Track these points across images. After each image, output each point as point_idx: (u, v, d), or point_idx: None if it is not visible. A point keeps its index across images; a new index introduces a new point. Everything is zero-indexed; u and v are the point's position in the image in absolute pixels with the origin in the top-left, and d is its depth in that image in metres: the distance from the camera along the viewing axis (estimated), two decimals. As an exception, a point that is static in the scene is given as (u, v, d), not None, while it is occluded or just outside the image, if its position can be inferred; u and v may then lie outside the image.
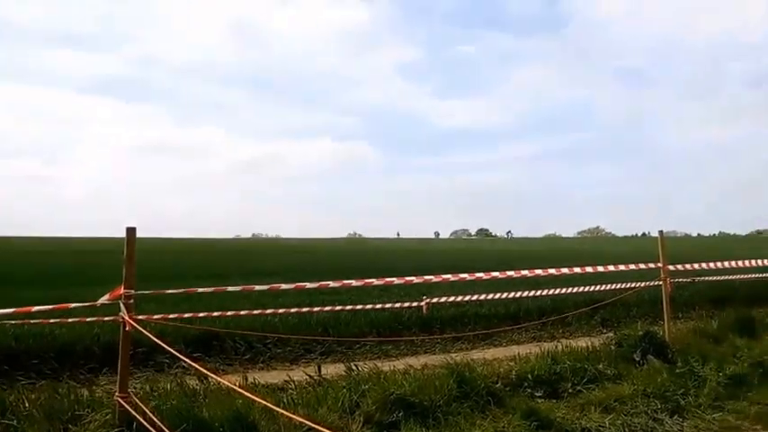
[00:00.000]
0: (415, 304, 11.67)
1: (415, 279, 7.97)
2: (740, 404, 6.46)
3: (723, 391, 6.65)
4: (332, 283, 7.36)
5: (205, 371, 4.67)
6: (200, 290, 7.95)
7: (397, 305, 11.44)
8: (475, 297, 12.15)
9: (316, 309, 10.92)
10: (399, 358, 9.49)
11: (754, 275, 16.67)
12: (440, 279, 8.25)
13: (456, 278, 8.27)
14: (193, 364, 4.76)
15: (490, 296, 11.93)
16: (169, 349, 4.96)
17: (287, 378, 7.05)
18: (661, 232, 8.69)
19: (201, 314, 8.87)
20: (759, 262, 13.13)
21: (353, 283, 7.62)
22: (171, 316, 8.05)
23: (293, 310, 10.69)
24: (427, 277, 8.16)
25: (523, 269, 8.29)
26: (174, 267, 30.63)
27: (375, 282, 7.83)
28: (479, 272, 8.77)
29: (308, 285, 7.63)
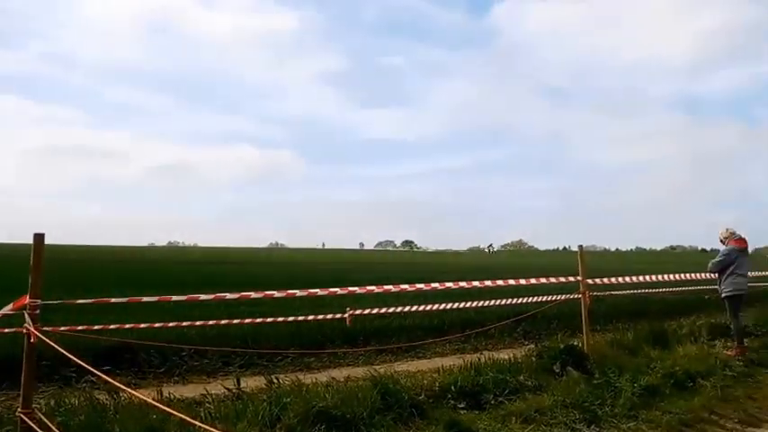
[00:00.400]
0: (338, 316, 11.66)
1: (339, 290, 7.98)
2: (653, 413, 6.77)
3: (638, 401, 6.94)
4: (253, 294, 7.28)
5: (117, 384, 4.52)
6: (114, 300, 7.71)
7: (320, 317, 11.39)
8: (399, 309, 12.25)
9: (235, 320, 10.74)
10: (322, 371, 9.45)
11: (667, 289, 17.50)
12: (364, 291, 8.29)
13: (381, 290, 8.34)
14: (104, 376, 4.60)
15: (414, 308, 12.06)
16: (78, 361, 4.77)
17: (204, 392, 6.90)
18: (581, 247, 9.02)
19: (113, 326, 8.58)
20: (672, 276, 13.82)
21: (275, 293, 7.55)
22: (79, 327, 7.76)
23: (211, 321, 10.47)
24: (351, 288, 8.19)
25: (448, 281, 8.44)
26: (84, 276, 29.47)
27: (298, 293, 7.79)
28: (403, 284, 8.88)
29: (229, 296, 7.52)
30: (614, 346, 9.02)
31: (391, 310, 12.24)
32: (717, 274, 10.18)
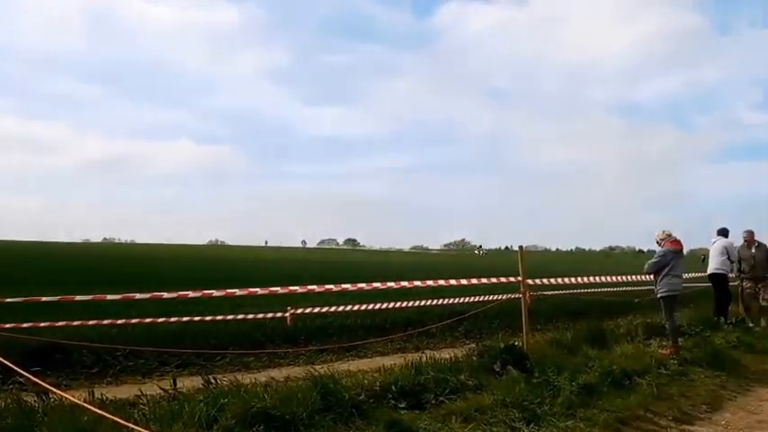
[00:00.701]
0: (279, 315, 11.57)
1: (279, 289, 7.92)
2: (591, 412, 6.94)
3: (576, 400, 7.11)
4: (191, 293, 7.17)
5: (46, 385, 4.38)
6: (45, 299, 7.47)
7: (261, 316, 11.29)
8: (341, 308, 12.25)
9: (172, 319, 10.55)
10: (261, 371, 9.38)
11: (606, 290, 17.99)
12: (305, 290, 8.26)
13: (322, 289, 8.32)
14: (32, 377, 4.45)
15: (357, 307, 12.08)
16: (4, 361, 4.61)
17: (138, 393, 6.75)
18: (521, 248, 9.19)
19: (43, 324, 8.32)
20: (610, 278, 14.22)
21: (214, 293, 7.45)
22: (7, 326, 7.49)
23: (147, 320, 10.27)
24: (293, 288, 8.15)
25: (390, 281, 8.49)
26: (13, 273, 28.39)
27: (237, 292, 7.71)
28: (346, 282, 8.89)
29: (166, 295, 7.39)
30: (554, 345, 9.21)
31: (333, 309, 12.24)
32: (653, 275, 10.50)
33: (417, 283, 8.59)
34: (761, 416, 7.96)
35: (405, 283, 8.41)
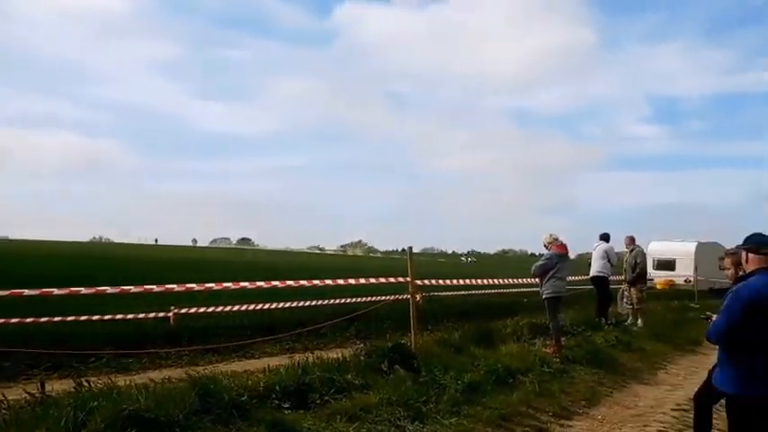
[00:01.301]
0: (161, 315, 11.24)
1: (155, 287, 7.68)
2: (475, 409, 7.15)
3: (461, 398, 7.30)
4: (56, 291, 6.84)
5: None
6: None
7: (141, 315, 10.91)
8: (228, 308, 12.03)
9: (43, 319, 10.01)
10: (141, 372, 9.08)
11: (496, 291, 18.61)
12: (183, 288, 8.05)
13: (202, 288, 8.13)
14: None
15: (245, 307, 11.90)
16: None
17: (1, 397, 6.35)
18: (410, 248, 9.36)
19: None
20: (499, 280, 14.71)
21: (82, 290, 7.13)
22: None
23: (14, 320, 9.70)
24: (169, 286, 7.92)
25: (278, 280, 8.40)
26: None
27: (109, 290, 7.41)
28: (235, 282, 8.72)
29: (27, 292, 7.00)
30: (442, 345, 9.41)
31: (219, 309, 12.00)
32: (539, 278, 10.93)
33: (303, 282, 8.57)
34: (635, 410, 8.46)
35: (290, 282, 8.36)
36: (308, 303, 12.87)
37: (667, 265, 33.48)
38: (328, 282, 8.82)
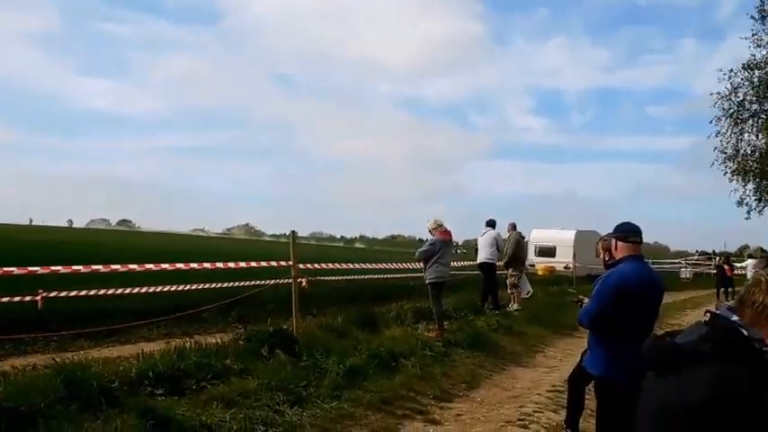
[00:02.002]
0: (28, 299, 10.68)
1: (15, 270, 7.30)
2: (356, 393, 7.27)
3: (342, 382, 7.40)
4: None
5: None
6: None
7: (5, 299, 10.33)
8: (102, 291, 11.59)
9: None
10: (3, 360, 8.63)
11: (383, 276, 18.86)
12: (48, 270, 7.69)
13: (69, 270, 7.80)
14: None
15: (120, 290, 11.51)
16: None
17: None
18: (293, 232, 9.34)
19: None
20: (384, 264, 14.93)
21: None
22: None
23: None
24: (32, 268, 7.54)
25: (150, 263, 8.17)
26: None
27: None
28: (115, 264, 8.40)
29: None
30: (324, 329, 9.47)
31: (93, 292, 11.53)
32: (423, 262, 11.19)
33: (180, 265, 8.37)
34: (512, 392, 8.86)
35: (166, 266, 8.16)
36: (187, 287, 12.57)
37: (548, 251, 35.09)
38: (206, 265, 8.66)
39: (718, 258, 34.44)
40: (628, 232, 5.01)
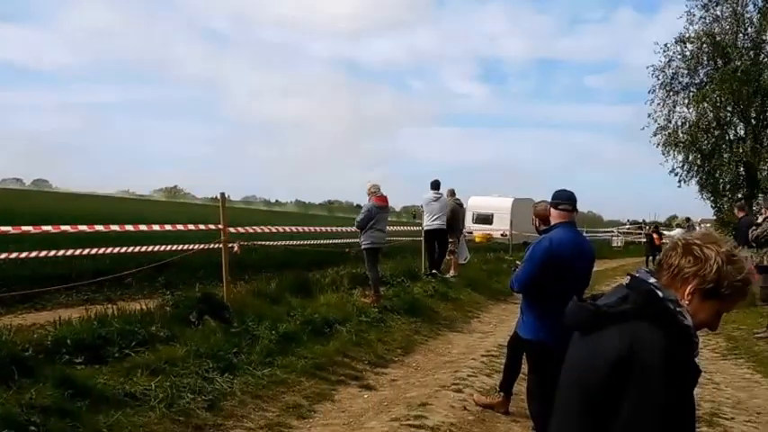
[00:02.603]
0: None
1: None
2: (289, 359, 7.19)
3: (275, 348, 7.29)
4: None
5: None
6: None
7: None
8: (15, 255, 11.00)
9: None
10: None
11: (319, 241, 18.70)
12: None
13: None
14: None
15: (35, 254, 10.94)
16: None
17: None
18: (222, 195, 9.08)
19: None
20: (320, 229, 14.77)
21: None
22: None
23: None
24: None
25: (67, 225, 7.78)
26: None
27: None
28: (26, 226, 7.96)
29: None
30: (257, 295, 9.31)
31: (4, 255, 10.94)
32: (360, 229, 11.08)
33: (99, 227, 8.02)
34: (447, 357, 8.94)
35: (84, 227, 7.79)
36: (110, 251, 12.09)
37: (486, 219, 35.57)
38: (130, 228, 8.31)
39: (648, 228, 35.59)
40: (561, 200, 5.12)
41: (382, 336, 9.17)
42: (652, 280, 2.06)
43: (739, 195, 26.22)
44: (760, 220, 10.83)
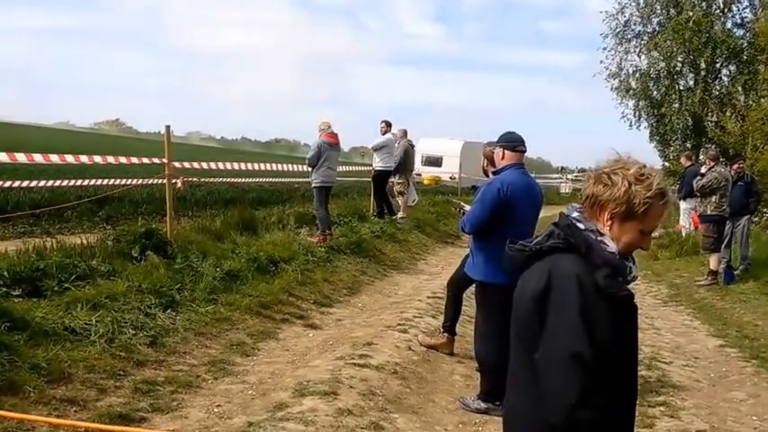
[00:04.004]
0: None
1: None
2: (233, 297, 7.19)
3: (219, 286, 7.28)
4: None
5: None
6: None
7: None
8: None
9: None
10: None
11: (266, 179, 18.59)
12: None
13: None
14: None
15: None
16: None
17: None
18: (168, 127, 8.84)
19: None
20: (268, 166, 14.62)
21: None
22: None
23: None
24: None
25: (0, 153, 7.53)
26: None
27: None
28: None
29: None
30: (201, 231, 9.23)
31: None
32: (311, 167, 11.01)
33: (39, 157, 7.78)
34: (394, 298, 9.08)
35: (22, 157, 7.53)
36: (49, 183, 11.80)
37: (435, 161, 35.68)
38: (70, 159, 8.07)
39: (595, 174, 36.13)
40: (513, 141, 5.23)
41: (328, 276, 9.22)
42: (575, 214, 2.18)
43: (687, 145, 26.80)
44: (704, 170, 11.12)
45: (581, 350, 1.94)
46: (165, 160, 8.66)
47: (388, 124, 14.44)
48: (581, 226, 2.13)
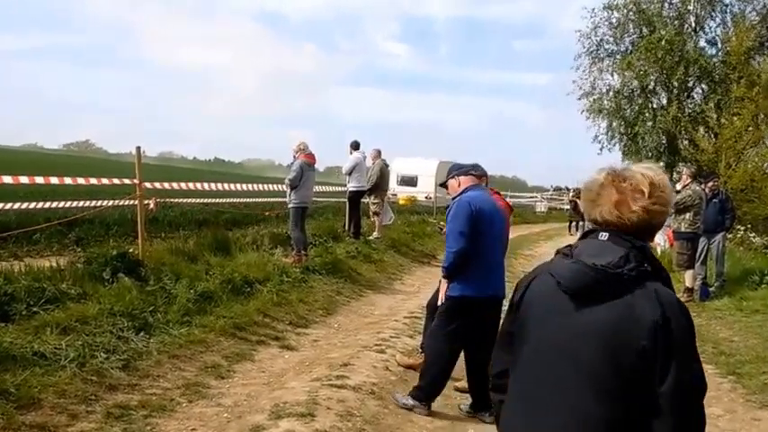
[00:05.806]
0: None
1: None
2: (207, 318, 7.16)
3: (193, 307, 7.25)
4: None
5: None
6: None
7: None
8: None
9: None
10: None
11: (240, 199, 18.50)
12: None
13: None
14: None
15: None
16: None
17: None
18: (138, 148, 8.82)
19: None
20: (241, 186, 14.60)
21: None
22: None
23: None
24: None
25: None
26: None
27: None
28: None
29: None
30: (174, 253, 9.16)
31: None
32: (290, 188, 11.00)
33: (8, 179, 7.69)
34: (370, 318, 9.08)
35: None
36: (17, 206, 11.65)
37: (410, 181, 35.86)
38: (39, 180, 8.00)
39: (571, 194, 36.54)
40: (467, 167, 5.58)
41: (304, 296, 9.21)
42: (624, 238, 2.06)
43: (661, 163, 27.17)
44: (679, 187, 11.26)
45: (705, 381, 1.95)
46: (136, 181, 8.63)
47: (355, 146, 14.53)
48: (649, 252, 2.05)
